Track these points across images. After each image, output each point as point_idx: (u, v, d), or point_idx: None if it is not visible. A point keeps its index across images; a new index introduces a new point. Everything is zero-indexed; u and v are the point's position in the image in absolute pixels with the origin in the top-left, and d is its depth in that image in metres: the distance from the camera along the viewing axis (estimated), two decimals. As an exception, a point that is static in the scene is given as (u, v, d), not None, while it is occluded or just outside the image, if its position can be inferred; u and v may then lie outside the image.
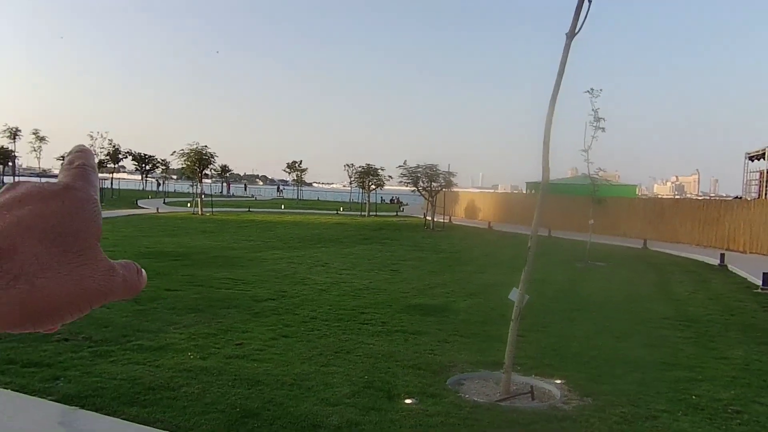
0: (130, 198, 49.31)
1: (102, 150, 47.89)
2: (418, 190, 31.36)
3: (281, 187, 77.26)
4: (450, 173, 31.09)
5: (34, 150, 44.79)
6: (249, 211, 42.68)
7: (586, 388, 6.04)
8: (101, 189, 37.52)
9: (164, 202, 46.18)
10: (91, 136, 41.85)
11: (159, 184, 60.03)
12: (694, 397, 5.83)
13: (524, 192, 41.65)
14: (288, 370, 6.17)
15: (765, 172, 28.96)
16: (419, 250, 21.00)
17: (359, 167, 39.27)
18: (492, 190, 52.82)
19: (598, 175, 18.47)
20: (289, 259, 16.63)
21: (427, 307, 10.39)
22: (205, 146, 36.40)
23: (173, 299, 9.75)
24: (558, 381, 6.30)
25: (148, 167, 61.17)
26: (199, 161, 36.48)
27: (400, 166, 31.74)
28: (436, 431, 4.73)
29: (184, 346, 6.87)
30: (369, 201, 41.10)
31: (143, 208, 40.18)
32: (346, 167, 41.15)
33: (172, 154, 39.50)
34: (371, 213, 41.61)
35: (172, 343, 6.94)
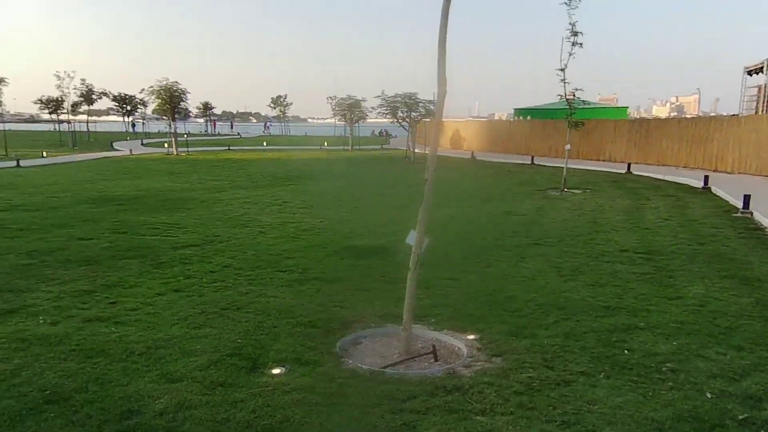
0: (107, 140, 47.81)
1: (75, 90, 45.86)
2: (397, 121, 29.87)
3: (268, 124, 75.20)
4: (430, 102, 29.46)
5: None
6: (229, 149, 41.31)
7: (501, 345, 5.08)
8: (73, 132, 36.25)
9: (142, 144, 44.78)
10: (58, 76, 39.70)
11: (134, 126, 58.11)
12: (626, 352, 4.87)
13: (512, 119, 39.99)
14: (149, 335, 5.20)
15: (764, 86, 27.23)
16: (390, 184, 19.93)
17: (335, 98, 37.47)
18: (485, 119, 50.98)
19: (575, 96, 17.00)
20: (247, 199, 15.64)
21: (365, 248, 9.39)
22: (176, 82, 34.59)
23: (76, 249, 8.76)
24: (471, 336, 5.34)
25: (128, 108, 59.07)
26: (170, 98, 34.82)
27: (378, 96, 30.14)
28: (282, 414, 3.77)
29: (42, 307, 5.90)
30: (352, 134, 39.61)
31: (118, 150, 38.86)
32: (329, 99, 39.29)
33: (141, 92, 37.83)
34: (355, 147, 40.25)
35: (30, 305, 5.98)
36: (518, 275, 7.54)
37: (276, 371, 4.51)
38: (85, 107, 48.25)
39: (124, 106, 57.86)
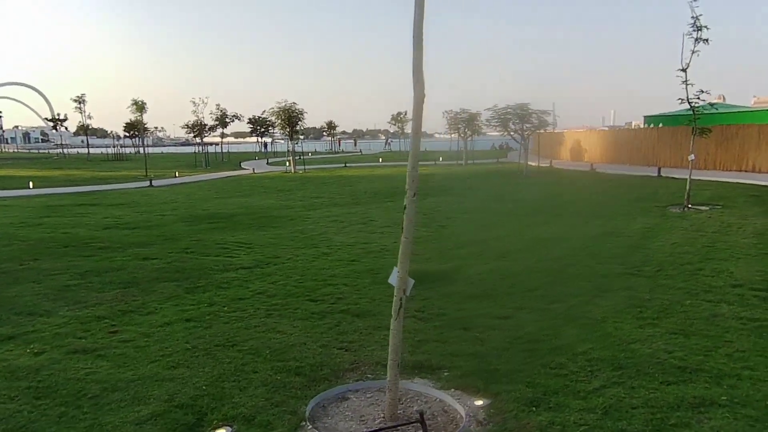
0: (237, 160, 50.86)
1: (211, 115, 49.45)
2: (509, 133, 28.30)
3: (389, 141, 76.02)
4: (544, 112, 27.59)
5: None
6: (345, 166, 41.99)
7: (510, 419, 3.91)
8: (206, 153, 38.82)
9: (267, 163, 47.00)
10: (194, 102, 42.96)
11: (265, 146, 61.33)
12: None
13: (643, 127, 36.39)
14: (117, 374, 4.71)
15: None
16: (495, 200, 18.62)
17: (451, 112, 36.54)
18: (614, 128, 47.02)
19: (699, 99, 14.63)
20: (336, 217, 15.32)
21: (421, 274, 8.40)
22: (294, 103, 35.80)
23: (129, 270, 8.74)
24: (480, 401, 4.21)
25: (261, 129, 62.65)
26: (288, 119, 36.10)
27: (488, 109, 28.84)
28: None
29: (42, 334, 5.69)
30: (466, 148, 38.43)
31: (244, 169, 41.05)
32: (444, 114, 38.51)
33: (262, 113, 39.69)
34: (470, 161, 39.00)
35: (34, 330, 5.80)
36: (585, 316, 6.17)
37: (219, 433, 3.76)
38: (219, 130, 51.71)
39: (258, 128, 61.46)
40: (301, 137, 47.63)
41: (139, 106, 50.60)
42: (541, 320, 6.06)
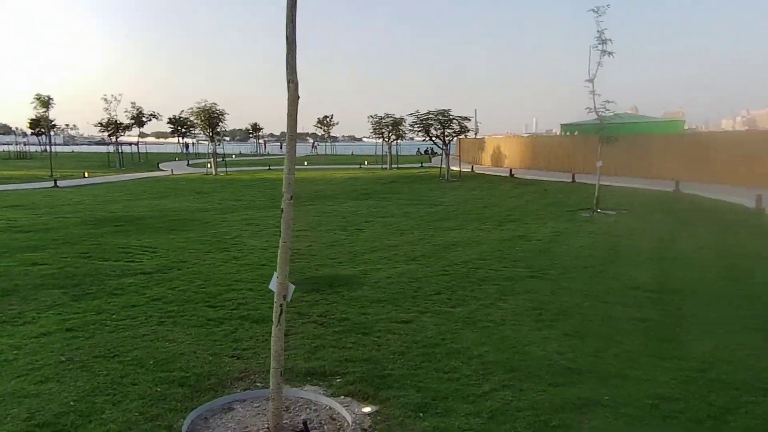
0: (156, 161, 48.87)
1: (126, 113, 47.18)
2: (431, 138, 28.66)
3: (316, 144, 75.47)
4: (465, 118, 28.13)
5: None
6: (269, 169, 41.19)
7: (395, 426, 3.81)
8: (120, 153, 36.84)
9: (188, 164, 45.43)
10: (105, 99, 40.85)
11: (187, 147, 59.36)
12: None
13: (559, 135, 37.96)
14: (-28, 393, 4.24)
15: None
16: (414, 204, 18.72)
17: (376, 117, 36.65)
18: (529, 135, 48.57)
19: (606, 109, 15.33)
20: (252, 221, 14.89)
21: (331, 278, 8.25)
22: (214, 104, 34.73)
23: (10, 276, 8.05)
24: (368, 408, 4.08)
25: (182, 129, 60.47)
26: (208, 119, 34.99)
27: (410, 114, 29.10)
28: None
29: None
30: (390, 153, 38.66)
31: (162, 170, 39.46)
32: (369, 118, 38.56)
33: (181, 113, 38.35)
34: (395, 166, 39.26)
35: None
36: (485, 319, 6.19)
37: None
38: (136, 129, 49.51)
39: (179, 128, 59.27)
40: (227, 139, 46.41)
41: (44, 102, 47.53)
42: (442, 324, 6.03)
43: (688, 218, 14.02)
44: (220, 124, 35.59)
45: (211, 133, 35.70)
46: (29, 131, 64.24)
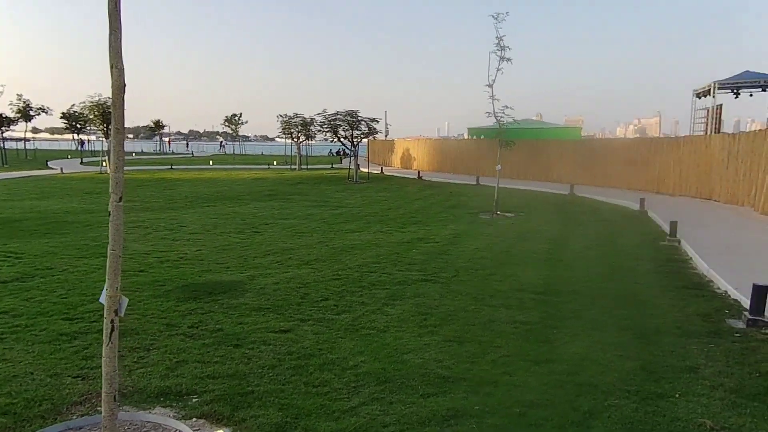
0: (45, 158, 45.41)
1: (11, 106, 43.37)
2: (338, 139, 28.37)
3: (223, 143, 73.19)
4: (374, 119, 28.07)
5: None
6: (171, 168, 39.33)
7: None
8: (3, 149, 33.67)
9: (81, 162, 42.54)
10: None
11: (82, 144, 55.56)
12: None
13: (467, 138, 38.86)
14: None
15: (711, 109, 26.56)
16: (318, 206, 18.31)
17: (285, 116, 35.90)
18: (439, 139, 49.19)
19: (504, 114, 15.70)
20: (142, 223, 13.99)
21: (213, 285, 7.73)
22: (108, 98, 32.57)
23: None
24: (220, 431, 3.70)
25: (77, 125, 56.53)
26: (102, 115, 32.78)
27: (318, 114, 28.68)
28: None
29: None
30: (299, 154, 38.01)
31: (51, 169, 36.69)
32: (278, 118, 37.66)
33: (72, 107, 35.78)
34: (304, 167, 38.64)
35: None
36: (368, 326, 5.95)
37: None
38: (22, 124, 45.67)
39: (73, 123, 55.34)
40: (130, 136, 43.91)
41: None
42: (322, 332, 5.73)
43: (578, 220, 14.57)
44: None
45: (105, 129, 33.48)
46: None
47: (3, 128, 41.58)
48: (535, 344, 5.35)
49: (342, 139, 28.27)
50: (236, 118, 55.29)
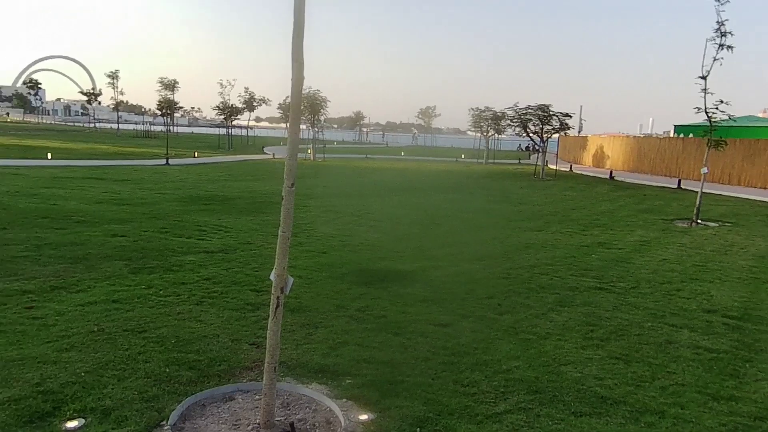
0: (262, 145, 51.06)
1: (239, 98, 49.67)
2: (527, 134, 27.57)
3: (416, 135, 75.58)
4: (566, 114, 26.75)
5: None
6: (366, 157, 41.74)
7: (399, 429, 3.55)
8: (229, 136, 38.87)
9: (290, 149, 47.00)
10: (221, 84, 43.28)
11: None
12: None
13: (670, 136, 35.08)
14: (4, 352, 4.50)
15: None
16: (500, 201, 18.12)
17: (477, 110, 35.88)
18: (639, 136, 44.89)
19: (718, 110, 13.82)
20: (332, 207, 15.07)
21: (386, 272, 8.07)
22: (317, 91, 35.63)
23: (89, 245, 8.60)
24: (365, 416, 3.85)
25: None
26: (310, 106, 35.95)
27: (509, 108, 28.17)
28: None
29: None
30: (487, 148, 37.74)
31: (265, 154, 41.21)
32: (470, 111, 37.87)
33: (286, 98, 39.57)
34: (491, 161, 38.33)
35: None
36: (529, 330, 5.74)
37: (71, 424, 3.50)
38: (247, 113, 52.00)
39: (287, 114, 61.43)
40: (335, 126, 47.80)
41: (167, 85, 50.75)
42: (481, 330, 5.66)
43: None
44: (322, 111, 36.45)
45: (312, 120, 36.66)
46: (158, 112, 69.60)
47: (232, 117, 47.72)
48: (719, 376, 4.69)
49: (531, 135, 27.44)
50: (430, 110, 56.65)
